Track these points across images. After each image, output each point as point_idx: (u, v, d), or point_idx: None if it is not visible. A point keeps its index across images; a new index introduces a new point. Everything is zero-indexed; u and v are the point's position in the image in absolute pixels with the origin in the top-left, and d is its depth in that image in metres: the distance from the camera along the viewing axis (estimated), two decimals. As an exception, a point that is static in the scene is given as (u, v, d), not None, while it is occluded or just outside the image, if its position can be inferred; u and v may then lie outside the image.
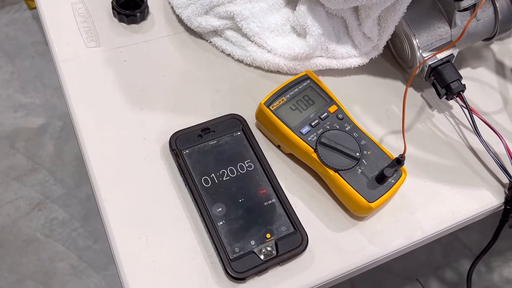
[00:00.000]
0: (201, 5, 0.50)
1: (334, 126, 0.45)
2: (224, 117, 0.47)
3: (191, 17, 0.51)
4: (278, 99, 0.47)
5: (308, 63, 0.52)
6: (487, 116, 0.53)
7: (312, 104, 0.47)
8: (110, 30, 0.52)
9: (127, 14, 0.52)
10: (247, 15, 0.50)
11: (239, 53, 0.52)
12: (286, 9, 0.53)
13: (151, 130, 0.47)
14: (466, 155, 0.50)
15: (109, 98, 0.48)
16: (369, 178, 0.43)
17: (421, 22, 0.49)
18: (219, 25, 0.51)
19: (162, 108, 0.48)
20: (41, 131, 1.36)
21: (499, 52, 0.59)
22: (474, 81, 0.56)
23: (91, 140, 0.45)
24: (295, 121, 0.45)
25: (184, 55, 0.52)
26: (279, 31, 0.52)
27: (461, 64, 0.57)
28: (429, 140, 0.51)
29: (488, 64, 0.58)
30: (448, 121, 0.52)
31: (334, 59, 0.52)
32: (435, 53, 0.49)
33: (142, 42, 0.52)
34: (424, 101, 0.54)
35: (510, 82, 0.56)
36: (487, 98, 0.55)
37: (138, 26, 0.53)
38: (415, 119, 0.52)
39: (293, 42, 0.51)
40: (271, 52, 0.51)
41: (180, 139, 0.45)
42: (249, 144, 0.46)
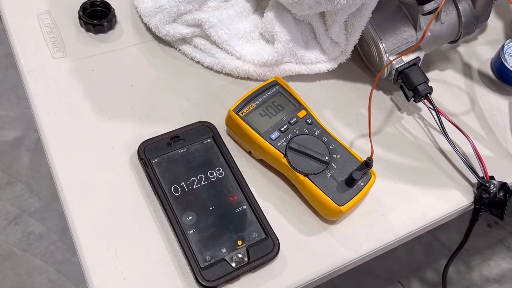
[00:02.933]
0: (169, 13, 0.50)
1: (303, 131, 0.46)
2: (194, 124, 0.47)
3: (159, 25, 0.51)
4: (248, 106, 0.47)
5: (278, 69, 0.52)
6: (455, 117, 0.54)
7: (281, 110, 0.47)
8: (77, 40, 0.52)
9: (94, 23, 0.51)
10: (215, 22, 0.50)
11: (208, 60, 0.52)
12: (254, 16, 0.53)
13: (119, 139, 0.46)
14: (435, 156, 0.51)
15: (77, 108, 0.48)
16: (339, 182, 0.44)
17: (387, 27, 0.50)
18: (188, 33, 0.51)
19: (131, 117, 0.48)
20: (17, 143, 1.33)
21: (466, 54, 0.60)
22: (442, 83, 0.57)
23: (58, 152, 0.45)
24: (264, 126, 0.45)
25: (153, 63, 0.52)
26: (248, 38, 0.52)
27: (429, 67, 0.58)
28: (399, 142, 0.51)
29: (455, 66, 0.59)
30: (417, 123, 0.53)
31: (303, 65, 0.52)
32: (399, 55, 0.49)
33: (110, 52, 0.52)
34: (394, 104, 0.54)
35: (477, 83, 0.57)
36: (455, 99, 0.56)
37: (106, 35, 0.53)
38: (384, 122, 0.53)
39: (262, 48, 0.51)
40: (240, 59, 0.51)
41: (149, 148, 0.45)
42: (220, 151, 0.46)
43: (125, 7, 0.55)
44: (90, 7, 0.52)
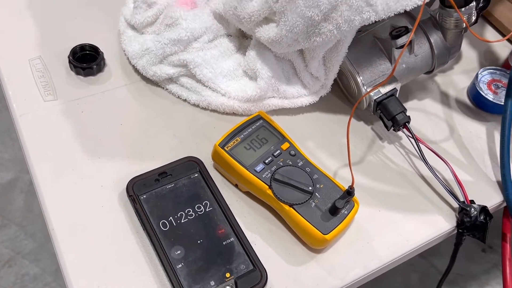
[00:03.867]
0: (155, 55, 0.53)
1: (287, 163, 0.47)
2: (181, 160, 0.48)
3: (146, 66, 0.53)
4: (233, 140, 0.48)
5: (262, 104, 0.54)
6: (435, 144, 0.56)
7: (265, 143, 0.49)
8: (67, 83, 0.54)
9: (84, 67, 0.53)
10: (200, 62, 0.52)
11: (194, 98, 0.54)
12: (237, 55, 0.55)
13: (109, 177, 0.47)
14: (417, 183, 0.52)
15: (67, 148, 0.49)
16: (323, 211, 0.45)
17: (364, 60, 0.53)
18: (174, 73, 0.53)
19: (120, 155, 0.49)
20: (10, 186, 1.34)
21: (443, 83, 0.62)
22: (421, 112, 0.59)
23: (49, 192, 0.46)
24: (249, 159, 0.47)
25: (141, 103, 0.54)
26: (232, 75, 0.54)
27: (408, 97, 0.60)
28: (381, 171, 0.53)
29: (433, 96, 0.61)
30: (398, 151, 0.55)
31: (286, 99, 0.55)
32: (376, 87, 0.51)
33: (99, 93, 0.54)
34: (375, 133, 0.56)
35: (455, 111, 0.60)
36: (434, 127, 0.58)
37: (95, 77, 0.55)
38: (367, 151, 0.54)
39: (246, 85, 0.53)
40: (225, 95, 0.53)
41: (137, 184, 0.46)
42: (207, 185, 0.47)
43: (113, 50, 0.58)
44: (79, 51, 0.54)
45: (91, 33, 0.59)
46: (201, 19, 0.53)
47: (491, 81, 0.60)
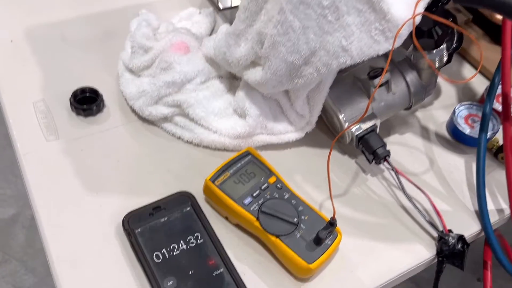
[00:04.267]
0: (151, 96, 0.57)
1: (274, 196, 0.50)
2: (174, 195, 0.51)
3: (142, 107, 0.57)
4: (223, 175, 0.51)
5: (251, 140, 0.57)
6: (415, 176, 0.59)
7: (253, 177, 0.52)
8: (69, 123, 0.58)
9: (84, 108, 0.57)
10: (192, 102, 0.56)
11: (188, 135, 0.57)
12: (228, 95, 0.59)
13: (106, 212, 0.50)
14: (399, 213, 0.55)
15: (67, 185, 0.52)
16: (308, 241, 0.47)
17: (345, 99, 0.56)
18: (168, 113, 0.57)
19: (117, 191, 0.53)
20: (12, 221, 1.36)
21: (423, 118, 0.66)
22: (402, 146, 0.62)
23: (49, 226, 0.49)
24: (238, 193, 0.50)
25: (137, 141, 0.58)
26: (223, 114, 0.58)
27: (390, 131, 0.64)
28: (365, 202, 0.56)
29: (414, 130, 0.64)
30: (381, 183, 0.58)
31: (274, 135, 0.58)
32: (357, 123, 0.55)
33: (99, 132, 0.57)
34: (358, 166, 0.59)
35: (435, 144, 0.63)
36: (415, 160, 0.61)
37: (95, 118, 0.59)
38: (351, 184, 0.57)
39: (236, 122, 0.57)
40: (216, 133, 0.57)
41: (133, 218, 0.49)
42: (198, 218, 0.50)
43: (113, 92, 0.62)
44: (80, 94, 0.58)
45: (92, 76, 0.63)
46: (193, 63, 0.58)
47: (468, 115, 0.63)
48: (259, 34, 0.50)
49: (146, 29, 0.62)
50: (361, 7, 0.44)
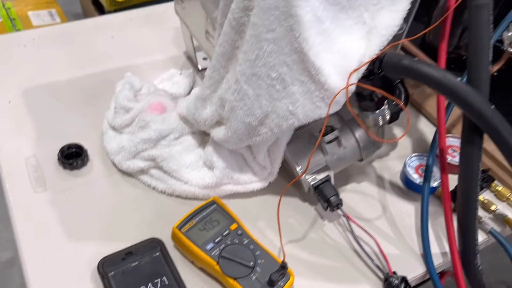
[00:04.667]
0: (129, 152, 0.64)
1: (234, 241, 0.56)
2: (145, 241, 0.57)
3: (121, 161, 0.64)
4: (189, 222, 0.58)
5: (219, 189, 0.64)
6: (368, 222, 0.65)
7: (217, 224, 0.58)
8: (56, 176, 0.65)
9: (70, 163, 0.64)
10: (166, 156, 0.63)
11: (161, 186, 0.64)
12: (199, 149, 0.66)
13: (84, 257, 0.56)
14: (351, 257, 0.60)
15: (51, 233, 0.59)
16: (262, 283, 0.53)
17: (302, 153, 0.63)
18: (144, 166, 0.64)
19: (95, 238, 0.59)
20: (10, 264, 1.41)
21: (379, 168, 0.72)
22: (358, 194, 0.69)
23: (32, 270, 0.55)
24: (202, 239, 0.56)
25: (116, 192, 0.64)
26: (194, 166, 0.65)
27: (348, 180, 0.70)
28: (320, 246, 0.61)
29: (370, 179, 0.71)
30: (336, 229, 0.64)
31: (239, 185, 0.65)
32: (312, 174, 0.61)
33: (82, 184, 0.64)
34: (317, 213, 0.65)
35: (388, 192, 0.69)
36: (369, 206, 0.67)
37: (79, 171, 0.66)
38: (309, 229, 0.63)
39: (205, 174, 0.63)
40: (187, 183, 0.63)
41: (107, 263, 0.55)
42: (166, 262, 0.56)
43: (97, 147, 0.69)
44: (67, 149, 0.66)
45: (80, 133, 0.70)
46: (168, 121, 0.65)
47: (418, 165, 0.70)
48: (221, 99, 0.58)
49: (128, 91, 0.70)
50: (303, 79, 0.52)
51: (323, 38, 0.51)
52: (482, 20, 0.50)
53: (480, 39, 0.51)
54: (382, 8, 0.53)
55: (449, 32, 0.59)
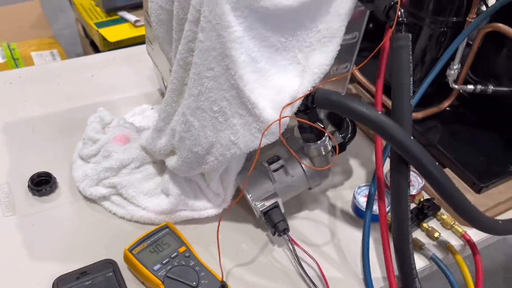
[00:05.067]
0: (92, 179, 0.69)
1: (181, 263, 0.60)
2: (100, 262, 0.62)
3: (85, 188, 0.69)
4: (140, 245, 0.62)
5: (174, 215, 0.68)
6: (316, 247, 0.68)
7: (167, 247, 0.62)
8: (26, 202, 0.70)
9: (38, 189, 0.69)
10: (125, 184, 0.68)
11: (121, 212, 0.69)
12: (158, 177, 0.71)
13: (45, 276, 0.60)
14: (296, 280, 0.63)
15: (15, 254, 0.63)
16: (203, 302, 0.56)
17: (252, 181, 0.67)
18: (106, 193, 0.69)
19: (55, 259, 0.63)
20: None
21: (333, 197, 0.76)
22: (310, 220, 0.72)
23: (-7, 288, 0.59)
24: (151, 261, 0.60)
25: (80, 216, 0.69)
26: (152, 193, 0.69)
27: (301, 208, 0.74)
28: (268, 270, 0.65)
29: (322, 207, 0.74)
30: (285, 253, 0.67)
31: (194, 211, 0.69)
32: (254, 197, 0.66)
33: (49, 209, 0.69)
34: (268, 239, 0.69)
35: (339, 220, 0.73)
36: (318, 232, 0.70)
37: (48, 197, 0.71)
38: (259, 253, 0.67)
39: (162, 201, 0.68)
40: (145, 209, 0.68)
41: (62, 281, 0.59)
42: (117, 282, 0.60)
43: (66, 175, 0.74)
44: (37, 177, 0.71)
45: (53, 163, 0.75)
46: (129, 151, 0.70)
47: (367, 195, 0.74)
48: (173, 130, 0.63)
49: (96, 124, 0.76)
50: (241, 112, 0.57)
51: (259, 76, 0.57)
52: (402, 60, 0.56)
53: (400, 78, 0.56)
54: (314, 50, 0.59)
55: (384, 70, 0.64)
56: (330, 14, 0.58)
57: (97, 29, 1.55)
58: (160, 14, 0.62)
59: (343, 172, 0.81)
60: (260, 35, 0.55)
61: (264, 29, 0.55)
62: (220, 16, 0.52)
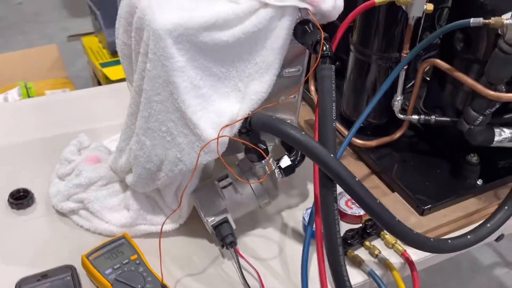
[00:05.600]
0: (63, 195, 0.77)
1: (131, 268, 0.66)
2: (61, 266, 0.68)
3: (57, 203, 0.77)
4: (97, 252, 0.69)
5: (133, 229, 0.75)
6: (263, 261, 0.73)
7: (121, 255, 0.68)
8: (4, 214, 0.78)
9: (16, 203, 0.78)
10: (92, 199, 0.76)
11: (87, 224, 0.76)
12: (123, 195, 0.78)
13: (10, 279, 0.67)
14: (238, 288, 0.69)
15: (-12, 259, 0.71)
16: (146, 304, 0.62)
17: (205, 198, 0.74)
18: (75, 207, 0.77)
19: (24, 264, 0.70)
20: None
21: (287, 216, 0.82)
22: (262, 237, 0.78)
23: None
24: (104, 266, 0.66)
25: (50, 228, 0.76)
26: (115, 208, 0.76)
27: (255, 226, 0.79)
28: (215, 280, 0.70)
29: (275, 225, 0.80)
30: (233, 266, 0.72)
31: (153, 225, 0.75)
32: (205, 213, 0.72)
33: (24, 221, 0.77)
34: (220, 252, 0.75)
35: (289, 237, 0.78)
36: (268, 248, 0.75)
37: (25, 211, 0.79)
38: (209, 265, 0.72)
39: (123, 215, 0.75)
40: (108, 223, 0.75)
41: (24, 283, 0.65)
42: (74, 285, 0.66)
43: (44, 192, 0.82)
44: (16, 193, 0.79)
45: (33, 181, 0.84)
46: (98, 170, 0.78)
47: (316, 214, 0.79)
48: (130, 150, 0.71)
49: (73, 147, 0.85)
50: (186, 132, 0.65)
51: (202, 100, 0.65)
52: (325, 87, 0.63)
53: (323, 102, 0.63)
54: (253, 79, 0.67)
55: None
56: (266, 48, 0.66)
57: (101, 69, 1.69)
58: (124, 49, 0.72)
59: (299, 195, 0.86)
60: (202, 65, 0.64)
61: (206, 60, 0.64)
62: (164, 49, 0.60)
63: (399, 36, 0.80)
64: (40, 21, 3.27)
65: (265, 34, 0.65)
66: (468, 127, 0.77)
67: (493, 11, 0.70)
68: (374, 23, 0.81)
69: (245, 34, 0.64)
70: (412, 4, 0.71)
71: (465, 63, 0.78)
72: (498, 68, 0.70)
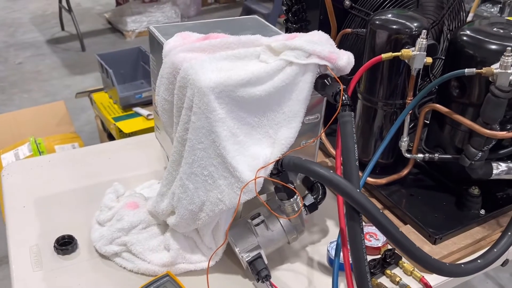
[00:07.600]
0: (107, 239, 0.83)
1: (178, 303, 0.72)
2: (111, 305, 0.74)
3: (101, 247, 0.83)
4: (145, 290, 0.74)
5: (174, 268, 0.81)
6: (290, 292, 0.80)
7: (167, 291, 0.74)
8: (51, 259, 0.84)
9: (62, 249, 0.84)
10: (134, 241, 0.82)
11: (130, 266, 0.82)
12: (161, 236, 0.85)
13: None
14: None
15: (41, 300, 0.76)
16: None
17: (239, 236, 0.81)
18: (118, 250, 0.83)
19: (74, 304, 0.75)
20: None
21: (311, 251, 0.89)
22: (291, 271, 0.84)
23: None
24: (153, 302, 0.72)
25: (95, 270, 0.82)
26: (156, 249, 0.83)
27: (283, 261, 0.86)
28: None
29: (302, 260, 0.87)
30: (268, 298, 0.79)
31: (191, 264, 0.82)
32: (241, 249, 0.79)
33: (70, 265, 0.83)
34: (254, 287, 0.81)
35: (315, 270, 0.85)
36: (298, 281, 0.82)
37: (70, 255, 0.85)
38: (245, 298, 0.78)
39: (164, 255, 0.81)
40: (150, 263, 0.81)
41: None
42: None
43: (86, 238, 0.88)
44: (61, 239, 0.86)
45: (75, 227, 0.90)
46: (138, 215, 0.85)
47: (339, 247, 0.86)
48: (172, 194, 0.79)
49: (112, 194, 0.92)
50: (226, 175, 0.73)
51: (239, 147, 0.73)
52: (347, 131, 0.73)
53: (346, 144, 0.72)
54: (281, 127, 0.76)
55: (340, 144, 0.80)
56: (292, 100, 0.76)
57: (114, 123, 1.77)
58: (164, 105, 0.81)
59: (321, 231, 0.94)
60: (239, 116, 0.73)
61: (241, 111, 0.73)
62: (207, 103, 0.70)
63: (402, 85, 0.91)
64: (41, 79, 3.38)
65: (291, 87, 0.75)
66: (469, 162, 0.87)
67: (482, 62, 0.82)
68: (379, 74, 0.92)
69: (274, 88, 0.74)
70: (414, 59, 0.82)
71: (461, 107, 0.89)
72: (492, 110, 0.81)
